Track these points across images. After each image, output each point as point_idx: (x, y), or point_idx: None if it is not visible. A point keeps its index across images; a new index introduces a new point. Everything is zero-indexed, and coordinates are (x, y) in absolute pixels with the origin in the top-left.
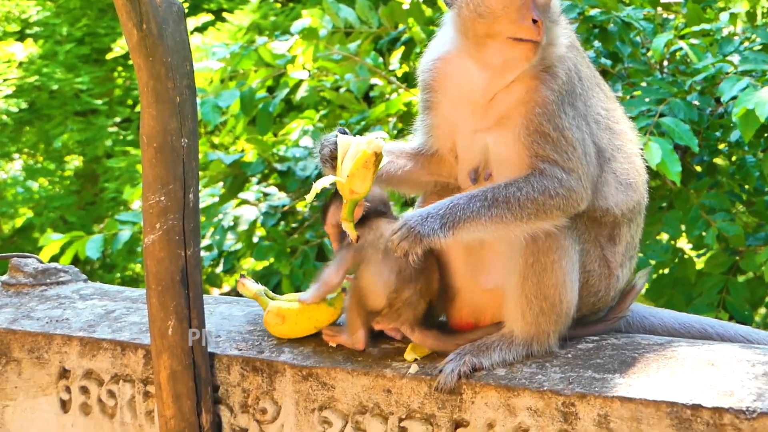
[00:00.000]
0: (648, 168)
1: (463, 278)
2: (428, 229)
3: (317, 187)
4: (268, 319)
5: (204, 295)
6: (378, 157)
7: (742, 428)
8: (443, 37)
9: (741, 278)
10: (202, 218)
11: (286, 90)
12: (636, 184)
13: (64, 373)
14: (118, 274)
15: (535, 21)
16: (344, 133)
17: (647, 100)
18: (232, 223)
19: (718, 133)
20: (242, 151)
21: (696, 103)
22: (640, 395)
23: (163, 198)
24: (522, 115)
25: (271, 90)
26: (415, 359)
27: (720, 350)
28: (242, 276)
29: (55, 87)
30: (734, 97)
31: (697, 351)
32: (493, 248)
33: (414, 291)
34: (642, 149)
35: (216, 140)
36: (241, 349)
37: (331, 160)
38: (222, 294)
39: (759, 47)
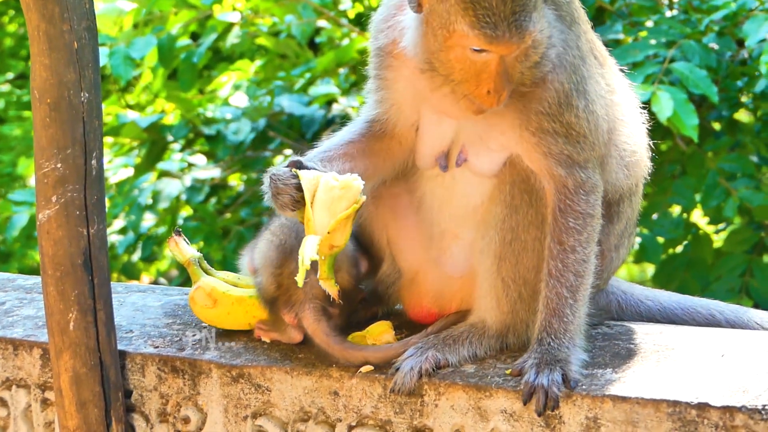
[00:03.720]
0: (655, 126)
1: (422, 261)
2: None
3: (306, 260)
4: (195, 297)
5: (113, 283)
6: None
7: (758, 430)
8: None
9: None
10: (115, 194)
11: (214, 36)
12: (640, 155)
13: None
14: (16, 264)
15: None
16: (300, 166)
17: (653, 42)
18: (150, 201)
19: (740, 83)
20: (162, 111)
21: (714, 46)
22: (636, 394)
23: (59, 165)
24: (516, 116)
25: (195, 37)
26: None
27: (731, 339)
28: (177, 232)
29: None
30: (762, 40)
31: (704, 340)
32: (459, 236)
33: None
34: (648, 102)
35: (131, 99)
36: (157, 347)
37: (293, 204)
38: None
39: None
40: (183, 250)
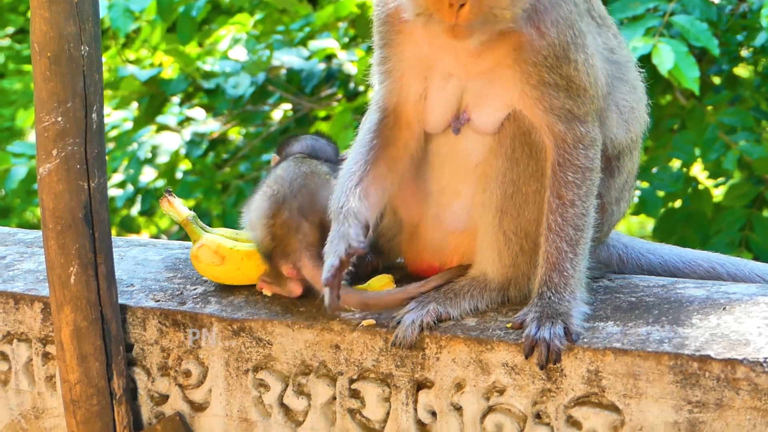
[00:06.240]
0: (655, 81)
1: (421, 215)
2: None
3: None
4: (200, 255)
5: (113, 237)
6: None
7: (759, 383)
8: None
9: (767, 212)
10: (114, 148)
11: None
12: (639, 111)
13: None
14: (16, 220)
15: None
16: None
17: None
18: (149, 154)
19: (740, 37)
20: (160, 65)
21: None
22: (637, 346)
23: (60, 119)
24: (517, 69)
25: None
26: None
27: (732, 292)
28: (168, 192)
29: None
30: None
31: (706, 293)
32: (460, 194)
33: (291, 211)
34: (649, 55)
35: (132, 54)
36: (158, 300)
37: None
38: None
39: None
40: (178, 209)
